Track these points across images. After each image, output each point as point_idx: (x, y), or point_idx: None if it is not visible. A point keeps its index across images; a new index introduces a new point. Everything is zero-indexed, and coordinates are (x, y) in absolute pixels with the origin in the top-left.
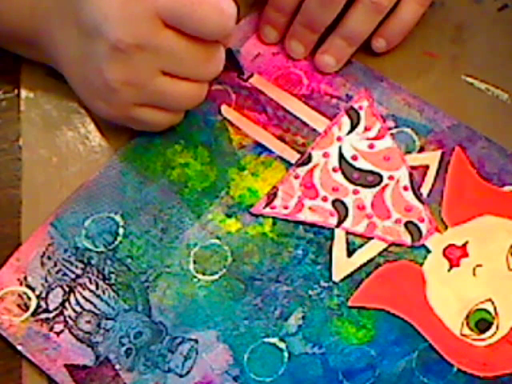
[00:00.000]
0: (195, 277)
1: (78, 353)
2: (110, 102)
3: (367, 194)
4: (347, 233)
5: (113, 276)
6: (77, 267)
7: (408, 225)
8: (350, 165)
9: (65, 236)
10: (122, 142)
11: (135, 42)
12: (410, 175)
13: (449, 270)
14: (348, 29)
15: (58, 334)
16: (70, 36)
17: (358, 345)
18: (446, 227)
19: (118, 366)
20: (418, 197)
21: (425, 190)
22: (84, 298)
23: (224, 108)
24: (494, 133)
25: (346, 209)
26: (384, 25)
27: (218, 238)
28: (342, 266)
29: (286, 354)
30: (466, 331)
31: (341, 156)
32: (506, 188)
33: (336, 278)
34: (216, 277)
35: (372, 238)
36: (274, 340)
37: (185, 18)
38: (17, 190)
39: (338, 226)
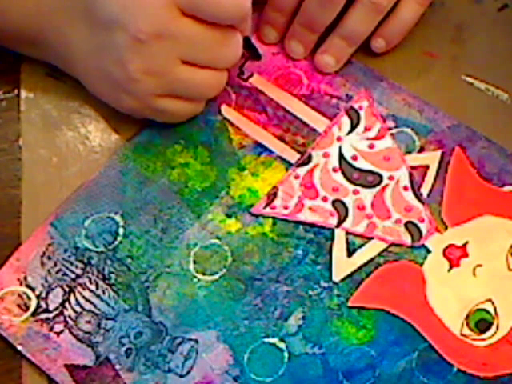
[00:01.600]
0: (195, 277)
1: (78, 353)
2: (131, 93)
3: (367, 194)
4: (347, 233)
5: (113, 276)
6: (77, 267)
7: (408, 225)
8: (350, 165)
9: (65, 236)
10: (122, 142)
11: (154, 31)
12: (410, 175)
13: (449, 270)
14: (348, 29)
15: (58, 334)
16: (80, 31)
17: (358, 345)
18: (446, 227)
19: (118, 366)
20: (418, 197)
21: (425, 190)
22: (84, 297)
23: (224, 108)
24: (493, 133)
25: (346, 209)
26: (383, 25)
27: (218, 238)
28: (342, 266)
29: (286, 354)
30: (466, 331)
31: (341, 156)
32: (506, 188)
33: (336, 278)
34: (216, 277)
35: (372, 238)
36: (274, 340)
37: (201, 2)
38: (17, 190)
39: (338, 226)
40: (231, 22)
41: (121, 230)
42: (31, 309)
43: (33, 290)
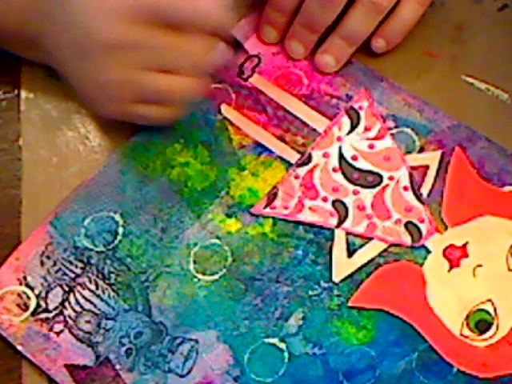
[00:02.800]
0: (195, 277)
1: (78, 353)
2: (107, 100)
3: (367, 195)
4: (347, 233)
5: (113, 276)
6: (76, 267)
7: (408, 225)
8: (350, 165)
9: (64, 235)
10: (122, 142)
11: (123, 40)
12: (410, 175)
13: (449, 271)
14: (348, 29)
15: (57, 333)
16: (64, 36)
17: (358, 345)
18: (446, 227)
19: (118, 366)
20: (418, 197)
21: (425, 191)
22: (84, 297)
23: (224, 107)
24: (493, 133)
25: (346, 209)
26: (384, 25)
27: (218, 237)
28: (342, 266)
29: (286, 355)
30: (466, 332)
31: (341, 156)
32: (506, 188)
33: (336, 278)
34: (216, 277)
35: (372, 239)
36: (275, 340)
37: (162, 10)
38: (17, 190)
39: (338, 226)
40: (196, 28)
41: (120, 230)
42: (31, 308)
43: (32, 289)
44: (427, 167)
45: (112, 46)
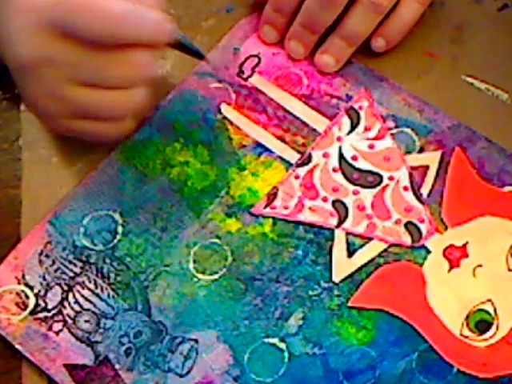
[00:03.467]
0: (195, 276)
1: (78, 352)
2: (43, 115)
3: (367, 195)
4: (347, 233)
5: (112, 275)
6: (75, 265)
7: (408, 225)
8: (350, 165)
9: (63, 234)
10: (122, 141)
11: (34, 56)
12: (410, 175)
13: (449, 271)
14: (348, 29)
15: (56, 333)
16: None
17: (358, 345)
18: (446, 228)
19: (117, 366)
20: (418, 197)
21: (425, 191)
22: (83, 296)
23: (224, 107)
24: (493, 133)
25: (346, 209)
26: (384, 24)
27: (218, 237)
28: (342, 266)
29: (286, 355)
30: (466, 332)
31: (341, 156)
32: (506, 188)
33: (336, 278)
34: (216, 276)
35: (372, 239)
36: (275, 340)
37: (69, 26)
38: (17, 190)
39: (338, 226)
40: (107, 41)
41: (120, 229)
42: (30, 307)
43: (31, 288)
44: (427, 167)
45: (24, 65)
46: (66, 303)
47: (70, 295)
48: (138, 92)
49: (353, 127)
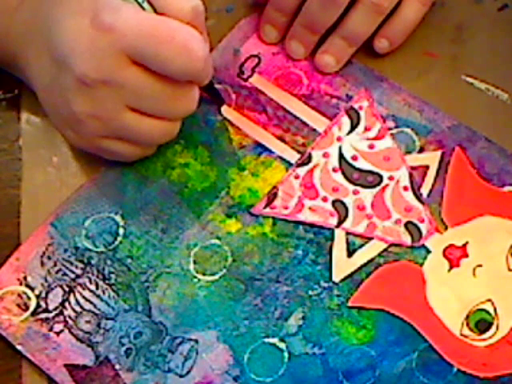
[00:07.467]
0: (195, 277)
1: (78, 353)
2: (77, 132)
3: (367, 195)
4: (347, 233)
5: (113, 276)
6: (77, 267)
7: (408, 225)
8: (350, 165)
9: (65, 236)
10: None
11: (100, 77)
12: (410, 175)
13: (449, 271)
14: (348, 29)
15: (57, 333)
16: (43, 63)
17: (358, 345)
18: (446, 227)
19: (117, 366)
20: (418, 197)
21: (425, 191)
22: (84, 297)
23: (224, 108)
24: (493, 133)
25: (346, 209)
26: (386, 25)
27: (218, 238)
28: (342, 266)
29: (286, 355)
30: (466, 331)
31: (341, 156)
32: (506, 188)
33: (336, 278)
34: (216, 277)
35: (372, 239)
36: (274, 340)
37: (150, 57)
38: (17, 190)
39: (338, 226)
40: (182, 79)
41: (121, 230)
42: (31, 308)
43: (32, 289)
44: (427, 167)
45: (85, 82)
46: (67, 304)
47: (71, 296)
48: (179, 124)
49: (353, 127)
